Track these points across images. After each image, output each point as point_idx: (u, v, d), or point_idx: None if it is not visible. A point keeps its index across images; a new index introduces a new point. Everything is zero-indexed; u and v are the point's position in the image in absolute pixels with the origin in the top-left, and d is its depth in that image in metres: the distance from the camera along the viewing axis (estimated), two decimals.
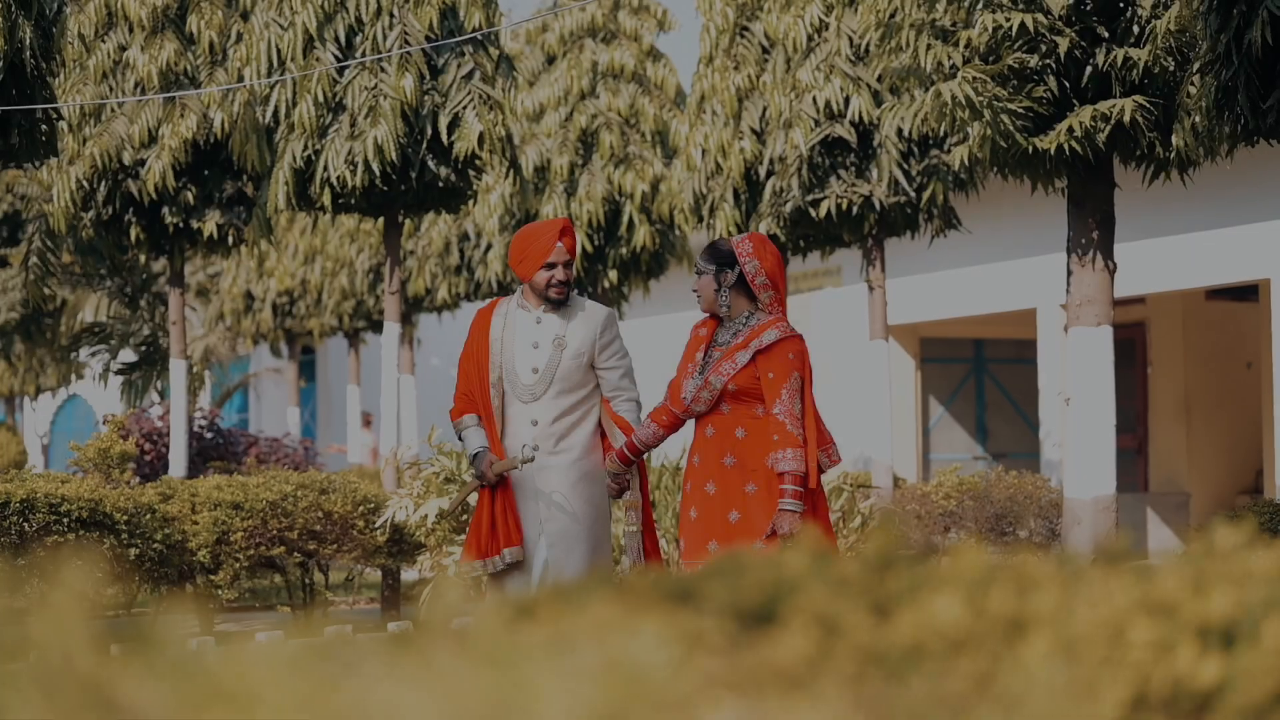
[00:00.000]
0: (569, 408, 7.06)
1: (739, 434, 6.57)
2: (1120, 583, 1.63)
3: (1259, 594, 1.62)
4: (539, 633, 1.13)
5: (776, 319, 6.64)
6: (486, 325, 7.18)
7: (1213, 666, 1.54)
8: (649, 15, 18.59)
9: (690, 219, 15.26)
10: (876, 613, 1.53)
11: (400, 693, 0.82)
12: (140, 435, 16.52)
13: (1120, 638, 1.55)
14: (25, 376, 33.89)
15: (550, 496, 7.03)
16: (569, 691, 0.84)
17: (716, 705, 0.93)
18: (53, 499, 10.05)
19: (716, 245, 6.79)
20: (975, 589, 1.60)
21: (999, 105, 10.92)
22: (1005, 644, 1.54)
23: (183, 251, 14.72)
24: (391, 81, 12.37)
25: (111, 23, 14.24)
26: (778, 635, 1.49)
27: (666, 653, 1.04)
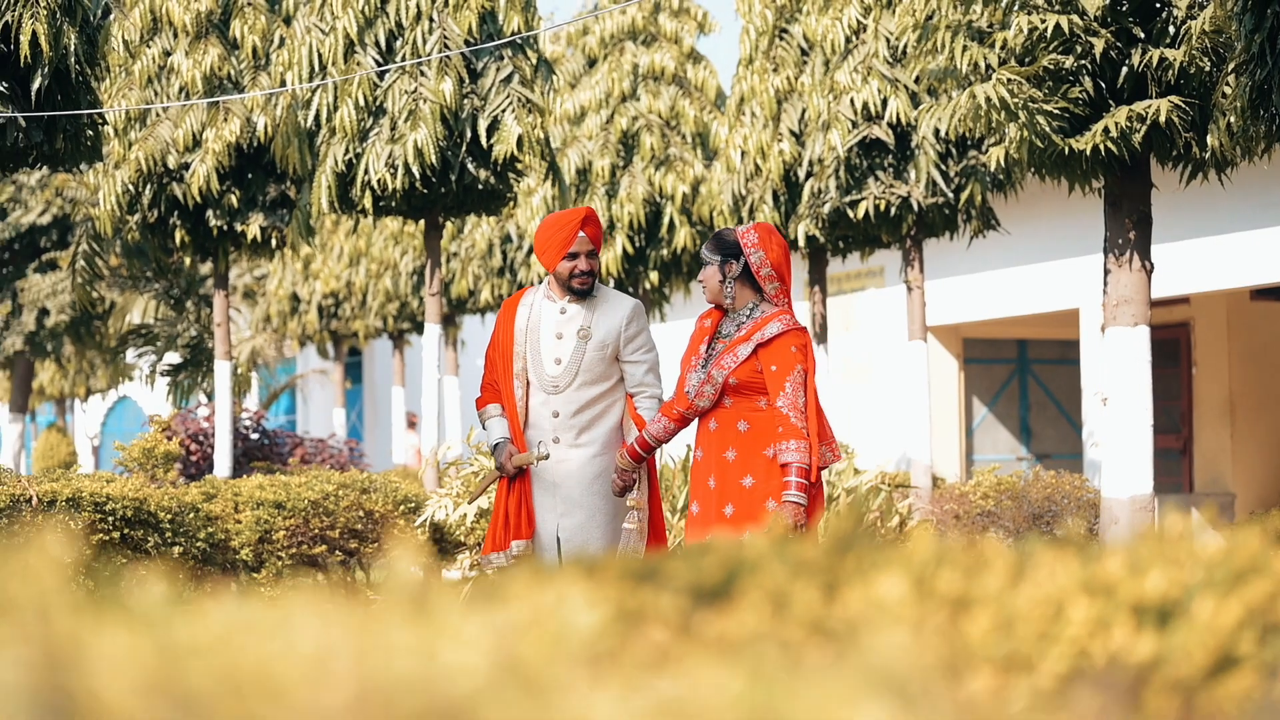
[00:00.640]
0: (591, 400, 6.99)
1: (741, 427, 6.49)
2: (1065, 565, 1.72)
3: (1196, 576, 1.71)
4: (488, 597, 1.23)
5: (780, 311, 6.55)
6: (512, 315, 7.14)
7: (1147, 642, 1.63)
8: (689, 18, 18.68)
9: (729, 220, 15.34)
10: (827, 591, 1.62)
11: (330, 636, 0.91)
12: (186, 435, 16.69)
13: (1060, 615, 1.64)
14: (76, 379, 34.22)
15: (569, 490, 6.97)
16: (478, 640, 0.92)
17: (624, 663, 1.02)
18: (98, 498, 10.21)
19: (721, 235, 6.69)
20: (925, 570, 1.69)
21: (1034, 106, 10.96)
22: (950, 620, 1.63)
23: (227, 254, 14.89)
24: (431, 85, 12.49)
25: (156, 28, 14.42)
26: (730, 610, 1.58)
27: (590, 616, 1.13)
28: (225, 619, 0.94)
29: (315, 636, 0.89)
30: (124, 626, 0.86)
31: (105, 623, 0.86)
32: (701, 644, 1.46)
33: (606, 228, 18.08)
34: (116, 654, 0.80)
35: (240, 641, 0.86)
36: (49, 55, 10.62)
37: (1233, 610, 1.63)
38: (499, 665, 0.88)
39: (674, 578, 1.65)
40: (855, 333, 23.71)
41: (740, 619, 1.57)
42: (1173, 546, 1.83)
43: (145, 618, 0.90)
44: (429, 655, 0.89)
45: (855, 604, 1.59)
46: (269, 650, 0.84)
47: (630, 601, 1.55)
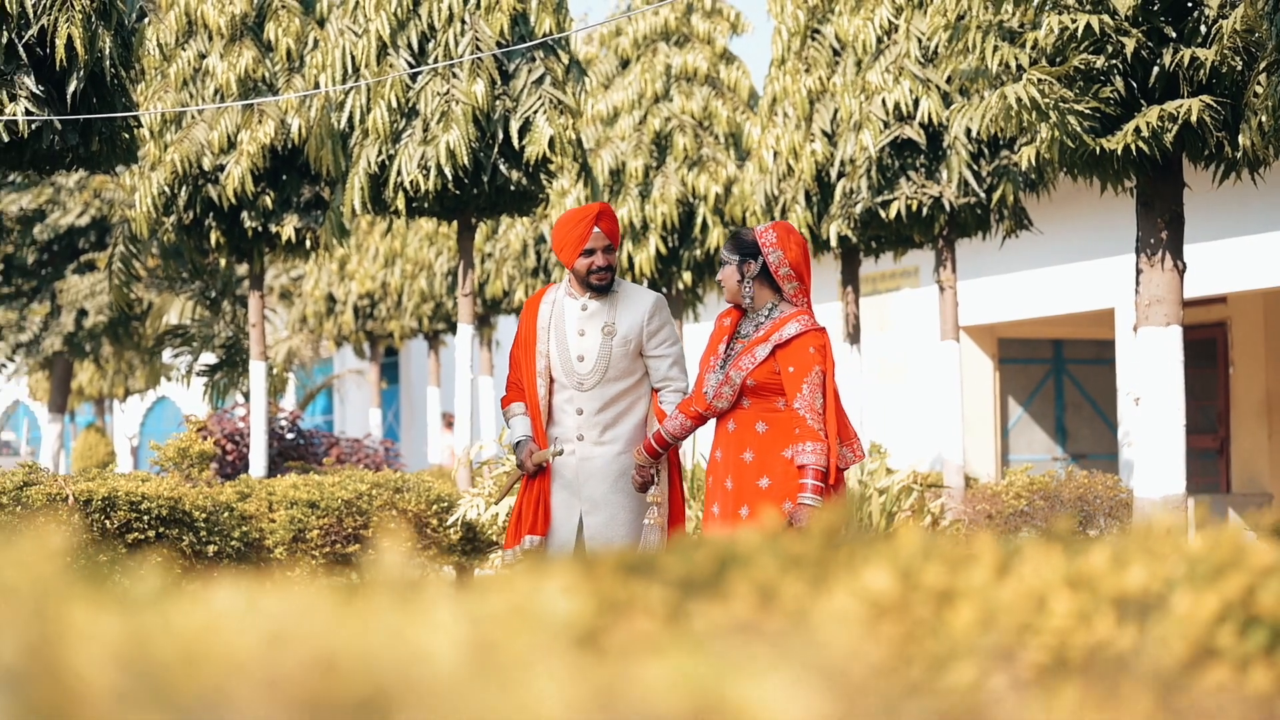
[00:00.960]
0: (616, 396, 6.97)
1: (759, 428, 6.44)
2: (1051, 559, 1.76)
3: (1178, 570, 1.74)
4: (475, 586, 1.28)
5: (799, 311, 6.50)
6: (534, 313, 7.12)
7: (1128, 634, 1.67)
8: (722, 18, 18.71)
9: (762, 221, 15.37)
10: (815, 583, 1.66)
11: (291, 616, 0.96)
12: (222, 435, 16.80)
13: (1042, 608, 1.68)
14: (114, 379, 34.44)
15: (593, 488, 6.96)
16: (444, 622, 0.97)
17: (599, 649, 1.06)
18: (133, 497, 10.30)
19: (740, 235, 6.64)
20: (913, 564, 1.73)
21: (1065, 107, 10.97)
22: (934, 612, 1.67)
23: (262, 255, 14.99)
24: (463, 87, 12.56)
25: (191, 31, 14.52)
26: (719, 602, 1.62)
27: (565, 604, 1.18)
28: (199, 602, 0.98)
29: (276, 616, 0.93)
30: (105, 609, 0.91)
31: (89, 606, 0.91)
32: (686, 634, 1.50)
33: (640, 228, 18.12)
34: (94, 632, 0.84)
35: (205, 620, 0.91)
36: (84, 58, 10.73)
37: (1210, 603, 1.67)
38: (458, 645, 0.92)
39: (667, 570, 1.69)
40: (890, 332, 23.72)
41: (728, 610, 1.62)
42: (1158, 541, 1.87)
43: (125, 602, 0.95)
44: (394, 635, 0.94)
45: (840, 596, 1.63)
46: (230, 627, 0.88)
47: (620, 593, 1.59)
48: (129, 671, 0.80)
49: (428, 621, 0.95)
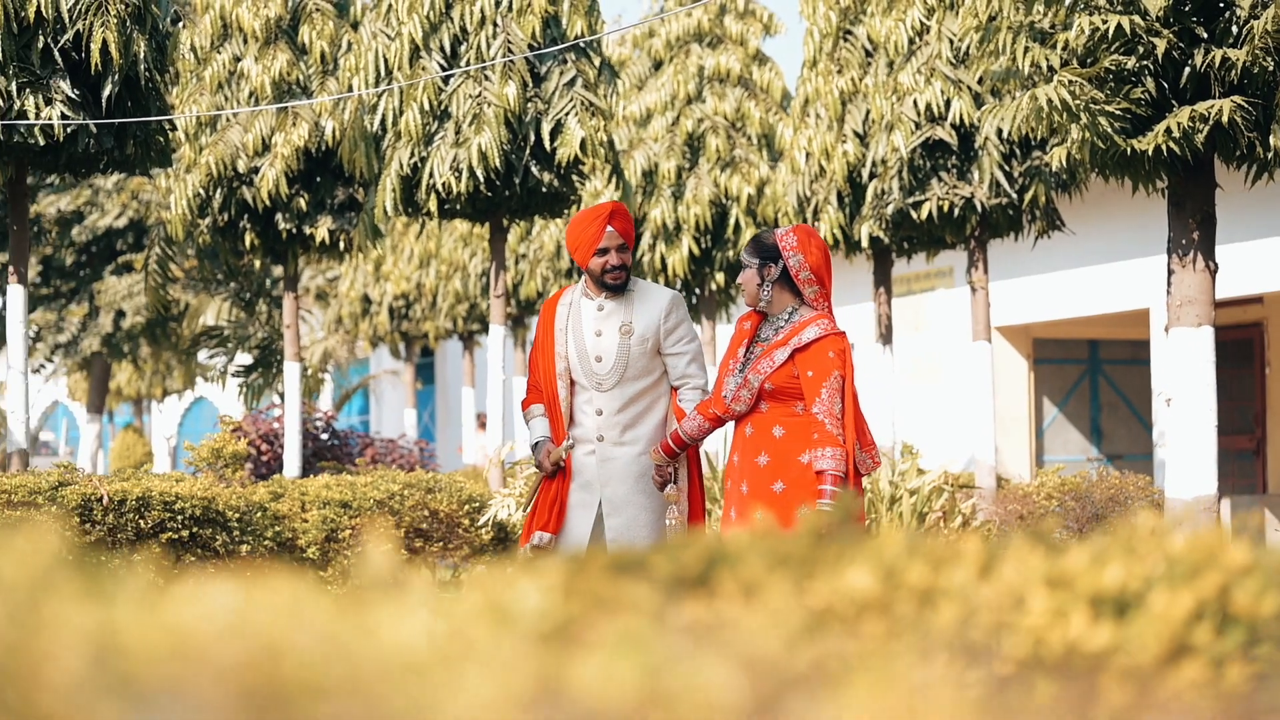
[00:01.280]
0: (635, 395, 6.95)
1: (776, 433, 6.39)
2: (1031, 559, 1.80)
3: (1158, 570, 1.78)
4: (456, 584, 1.32)
5: (818, 315, 6.45)
6: (552, 315, 7.12)
7: (1104, 632, 1.71)
8: (755, 20, 18.75)
9: (794, 222, 15.40)
10: (800, 581, 1.71)
11: (250, 608, 1.01)
12: (257, 436, 16.92)
13: (1020, 606, 1.72)
14: (152, 380, 34.65)
15: (614, 489, 6.95)
16: (420, 620, 1.02)
17: (569, 643, 1.11)
18: (167, 497, 10.39)
19: (760, 238, 6.58)
20: (897, 563, 1.78)
21: (1096, 108, 10.97)
22: (916, 610, 1.72)
23: (296, 257, 15.10)
24: (495, 89, 12.63)
25: (226, 34, 14.63)
26: (704, 599, 1.67)
27: (535, 600, 1.23)
28: (174, 596, 1.04)
29: (235, 608, 0.98)
30: (81, 603, 0.97)
31: (65, 600, 0.97)
32: (673, 630, 1.55)
33: (673, 229, 18.18)
34: (68, 622, 0.89)
35: (170, 611, 0.96)
36: (119, 63, 10.83)
37: (1185, 602, 1.71)
38: (417, 637, 0.97)
39: (657, 569, 1.74)
40: (925, 333, 23.71)
41: (714, 607, 1.67)
42: (1141, 541, 1.91)
43: (100, 596, 1.00)
44: (357, 627, 0.99)
45: (823, 594, 1.68)
46: (190, 616, 0.93)
47: (607, 590, 1.64)
48: (95, 661, 0.84)
49: (392, 615, 1.00)
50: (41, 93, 10.71)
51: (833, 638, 1.65)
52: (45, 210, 26.39)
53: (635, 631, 1.10)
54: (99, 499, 10.05)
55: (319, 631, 0.89)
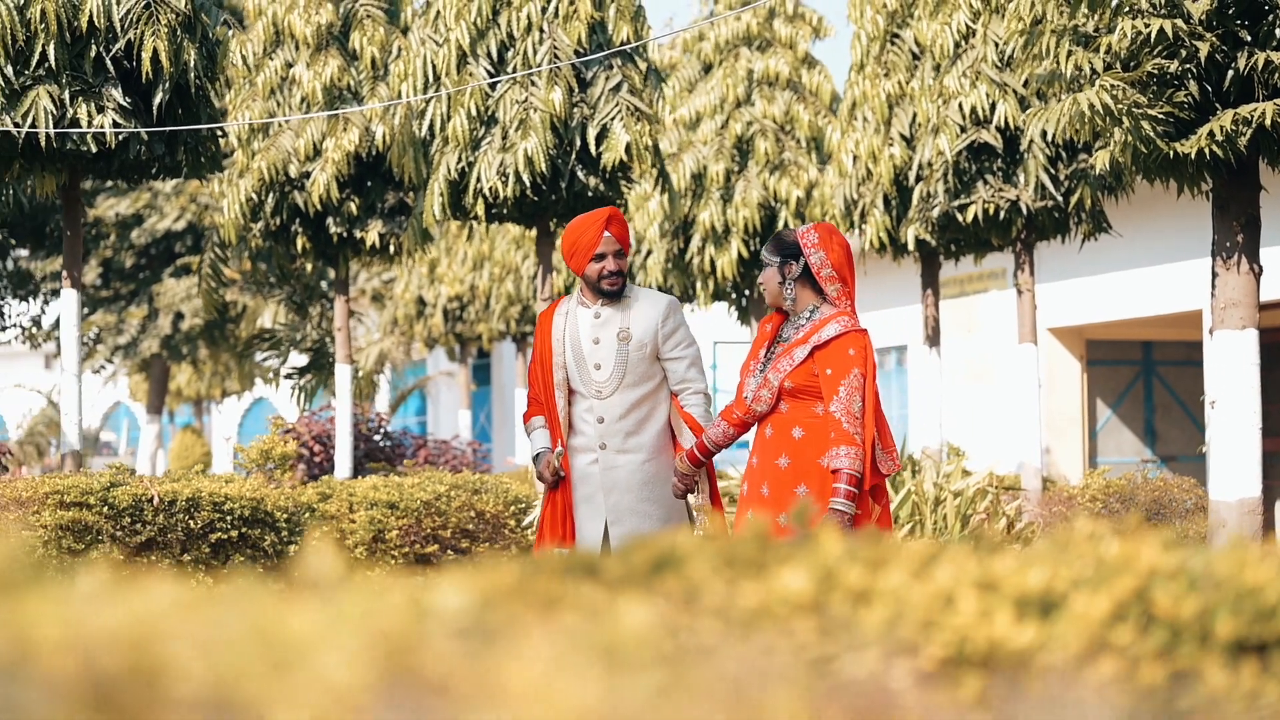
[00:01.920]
0: (636, 402, 6.92)
1: (796, 434, 6.31)
2: (963, 561, 1.90)
3: (1085, 573, 1.88)
4: (392, 584, 1.44)
5: (839, 313, 6.36)
6: (549, 326, 7.11)
7: (1028, 631, 1.81)
8: (804, 23, 18.82)
9: (842, 224, 15.48)
10: (738, 582, 1.82)
11: (211, 607, 1.12)
12: (310, 437, 17.11)
13: (949, 606, 1.83)
14: (211, 381, 34.99)
15: (619, 497, 6.91)
16: (343, 616, 1.13)
17: (488, 639, 1.22)
18: (216, 498, 10.56)
19: (781, 236, 6.52)
20: (837, 565, 1.88)
21: (1139, 111, 11.00)
22: (850, 609, 1.82)
23: (347, 260, 15.28)
24: (541, 95, 12.76)
25: (279, 41, 14.83)
26: (648, 600, 1.78)
27: (457, 600, 1.33)
28: (113, 597, 1.15)
29: (165, 606, 1.09)
30: (32, 602, 1.08)
31: (18, 599, 1.08)
32: (610, 627, 1.66)
33: (721, 232, 18.27)
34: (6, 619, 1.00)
35: (94, 609, 1.07)
36: (169, 71, 11.03)
37: (1103, 604, 1.81)
38: (318, 633, 1.08)
39: (610, 571, 1.85)
40: (977, 335, 23.72)
41: (656, 607, 1.78)
42: (1077, 545, 2.01)
43: (49, 596, 1.11)
44: (274, 623, 1.10)
45: (757, 595, 1.78)
46: (119, 614, 1.04)
47: (556, 590, 1.76)
48: (16, 650, 0.95)
49: (298, 612, 1.11)
50: (94, 101, 10.91)
51: (767, 636, 1.76)
52: (105, 214, 26.71)
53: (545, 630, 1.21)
54: (149, 499, 10.23)
55: (199, 621, 1.00)
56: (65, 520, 9.84)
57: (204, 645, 0.94)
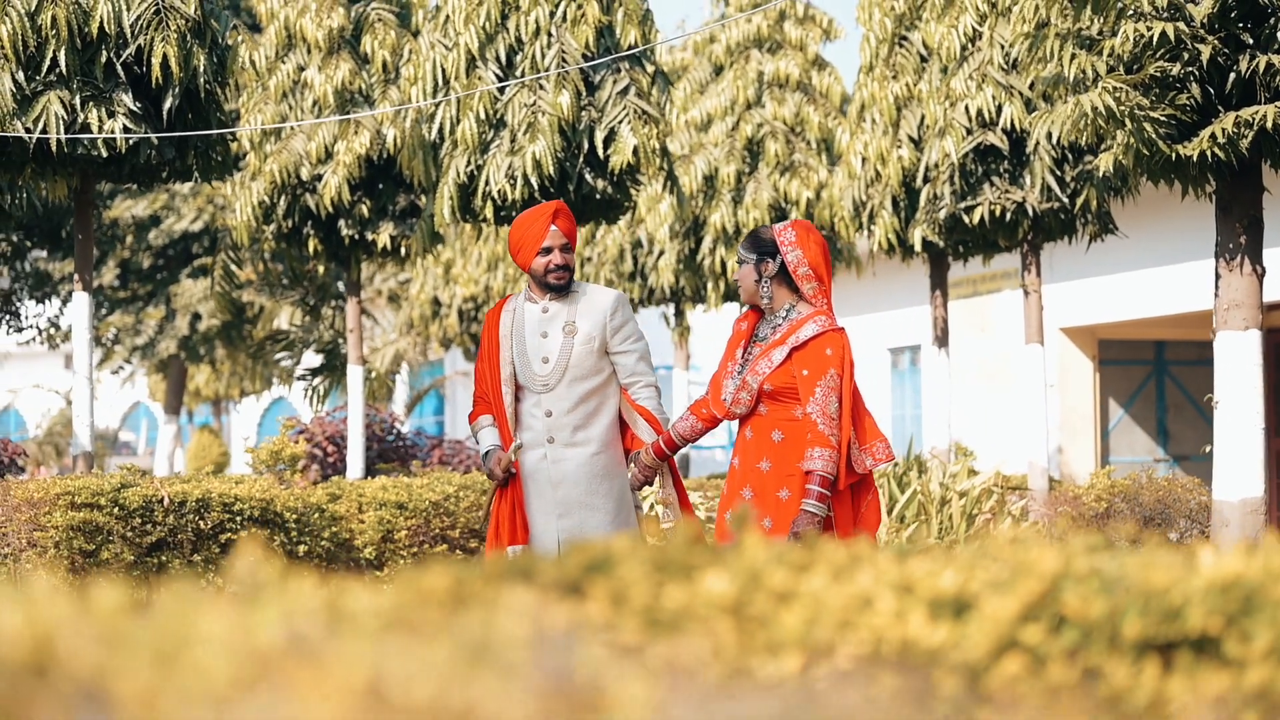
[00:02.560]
0: (584, 396, 6.89)
1: (775, 437, 6.28)
2: (884, 565, 2.00)
3: (997, 576, 1.98)
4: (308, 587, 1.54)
5: (816, 312, 6.29)
6: (496, 323, 7.08)
7: (940, 631, 1.91)
8: (814, 25, 18.90)
9: (851, 226, 15.59)
10: (665, 585, 1.92)
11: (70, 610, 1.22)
12: (323, 437, 17.24)
13: (865, 608, 1.93)
14: (230, 381, 35.16)
15: (568, 490, 6.86)
16: (252, 615, 1.23)
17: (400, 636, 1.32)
18: (226, 498, 10.69)
19: (758, 233, 6.47)
20: (763, 569, 1.98)
21: (1141, 114, 11.07)
22: (772, 610, 1.92)
23: (358, 262, 15.40)
24: (549, 98, 12.87)
25: (291, 44, 14.95)
26: (581, 602, 1.88)
27: (368, 601, 1.44)
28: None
29: (79, 608, 1.20)
30: None
31: None
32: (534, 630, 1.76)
33: (732, 233, 18.38)
34: None
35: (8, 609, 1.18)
36: (179, 76, 11.15)
37: (1012, 605, 1.90)
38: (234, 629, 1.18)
39: (544, 574, 1.95)
40: (991, 334, 23.77)
41: (586, 609, 1.88)
42: (997, 549, 2.11)
43: None
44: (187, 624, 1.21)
45: (681, 598, 1.89)
46: (28, 613, 1.14)
47: (489, 594, 1.86)
48: None
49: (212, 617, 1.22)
50: (104, 106, 11.04)
51: (689, 637, 1.86)
52: (122, 215, 26.88)
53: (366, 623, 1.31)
54: (160, 500, 10.36)
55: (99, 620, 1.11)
56: (76, 521, 9.97)
57: (100, 641, 1.03)
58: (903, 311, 25.26)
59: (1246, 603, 1.99)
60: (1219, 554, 2.11)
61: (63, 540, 9.93)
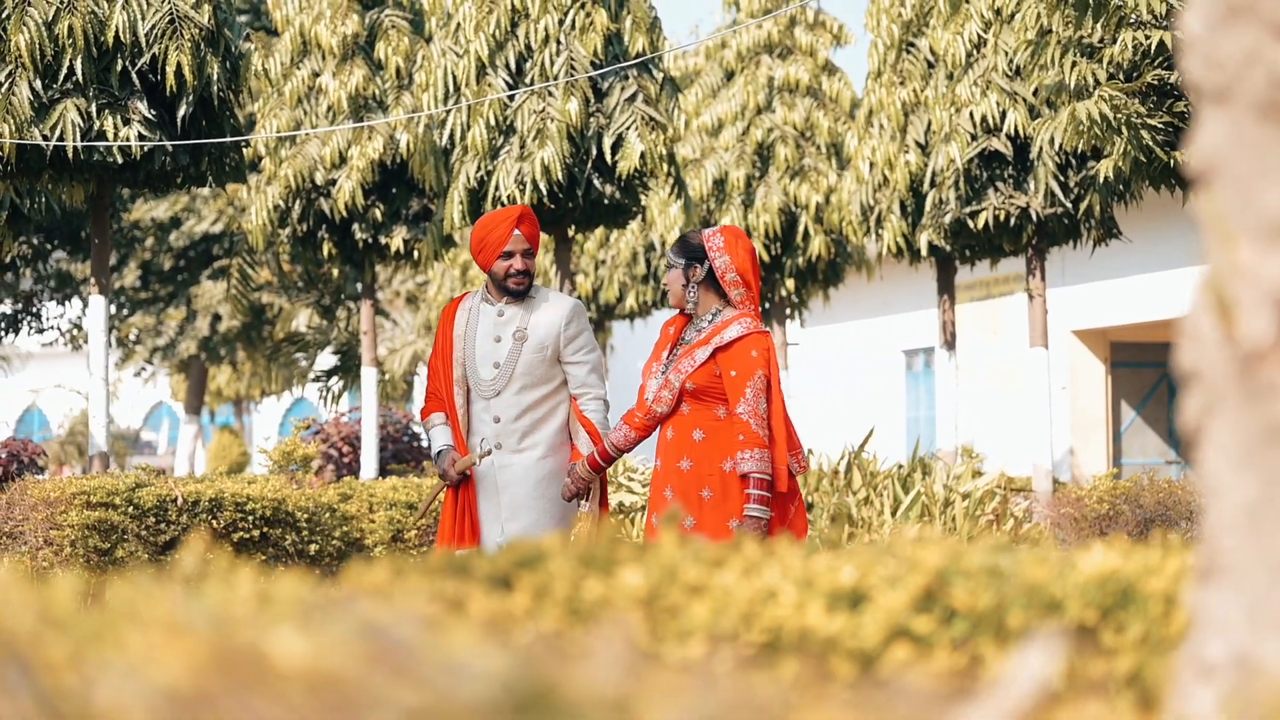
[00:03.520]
0: (532, 404, 6.80)
1: (696, 436, 6.27)
2: (789, 561, 2.20)
3: (894, 572, 2.18)
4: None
5: (740, 314, 6.30)
6: (451, 321, 6.99)
7: (837, 621, 2.10)
8: (825, 30, 19.09)
9: (859, 230, 15.78)
10: (586, 579, 2.12)
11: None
12: (339, 438, 17.48)
13: (770, 600, 2.12)
14: (250, 381, 35.43)
15: (514, 493, 6.78)
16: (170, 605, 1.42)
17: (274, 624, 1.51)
18: (238, 498, 10.90)
19: (686, 238, 6.44)
20: (679, 564, 2.18)
21: (1138, 121, 11.24)
22: (684, 602, 2.12)
23: (372, 265, 15.63)
24: (558, 105, 13.08)
25: (306, 50, 15.19)
26: (509, 594, 2.08)
27: (296, 591, 1.63)
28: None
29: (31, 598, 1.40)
30: None
31: None
32: (465, 619, 1.96)
33: None
34: None
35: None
36: (193, 84, 11.39)
37: (901, 597, 2.10)
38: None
39: (477, 569, 2.15)
40: (1002, 337, 23.92)
41: (513, 601, 2.08)
42: (901, 546, 2.30)
43: None
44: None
45: (599, 590, 2.08)
46: None
47: (443, 588, 2.06)
48: None
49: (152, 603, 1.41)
50: (120, 113, 11.28)
51: (604, 625, 2.05)
52: (143, 217, 27.15)
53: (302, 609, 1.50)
54: (173, 500, 10.57)
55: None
56: (91, 520, 10.19)
57: (40, 619, 1.22)
58: (916, 314, 25.42)
59: (1121, 596, 2.18)
60: (1102, 551, 2.30)
61: (78, 539, 10.15)
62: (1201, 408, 1.71)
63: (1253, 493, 1.57)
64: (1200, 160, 1.72)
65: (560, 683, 1.11)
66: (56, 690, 1.11)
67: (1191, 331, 1.67)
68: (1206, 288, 1.68)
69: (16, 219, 14.75)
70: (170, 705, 1.07)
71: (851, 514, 12.51)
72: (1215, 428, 1.68)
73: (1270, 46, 1.58)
